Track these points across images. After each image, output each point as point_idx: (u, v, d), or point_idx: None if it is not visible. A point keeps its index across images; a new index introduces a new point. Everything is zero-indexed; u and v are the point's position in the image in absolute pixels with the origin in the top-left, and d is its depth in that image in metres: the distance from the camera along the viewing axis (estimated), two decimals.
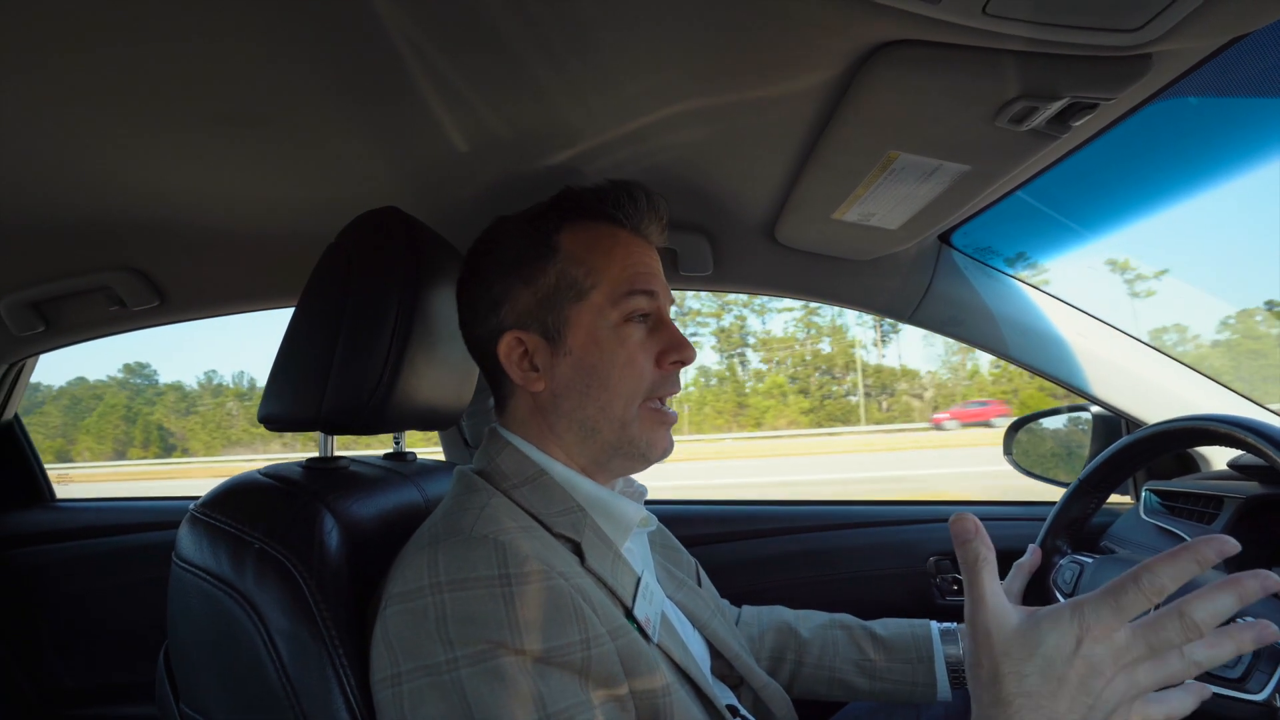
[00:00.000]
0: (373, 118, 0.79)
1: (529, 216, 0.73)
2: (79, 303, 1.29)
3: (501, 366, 0.71)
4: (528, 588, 0.56)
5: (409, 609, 0.56)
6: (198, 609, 0.63)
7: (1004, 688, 0.46)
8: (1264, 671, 0.62)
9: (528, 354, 0.70)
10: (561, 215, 0.72)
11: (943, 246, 1.16)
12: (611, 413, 0.69)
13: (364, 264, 0.74)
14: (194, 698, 0.65)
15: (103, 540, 1.54)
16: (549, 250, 0.70)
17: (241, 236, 1.10)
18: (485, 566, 0.56)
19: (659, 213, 0.74)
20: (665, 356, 0.71)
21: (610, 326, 0.69)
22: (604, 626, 0.59)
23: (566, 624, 0.56)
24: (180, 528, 0.66)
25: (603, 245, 0.70)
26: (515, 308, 0.70)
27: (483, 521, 0.61)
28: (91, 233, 1.10)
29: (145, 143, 0.82)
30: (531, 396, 0.71)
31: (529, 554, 0.58)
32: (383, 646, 0.56)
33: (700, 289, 1.27)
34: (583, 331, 0.69)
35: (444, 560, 0.57)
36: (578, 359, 0.69)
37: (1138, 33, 0.51)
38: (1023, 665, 0.46)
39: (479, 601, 0.55)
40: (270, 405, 0.75)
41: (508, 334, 0.70)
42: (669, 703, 0.61)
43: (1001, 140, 0.70)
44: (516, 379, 0.70)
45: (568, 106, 0.78)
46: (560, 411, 0.70)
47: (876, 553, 1.35)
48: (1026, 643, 0.46)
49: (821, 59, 0.65)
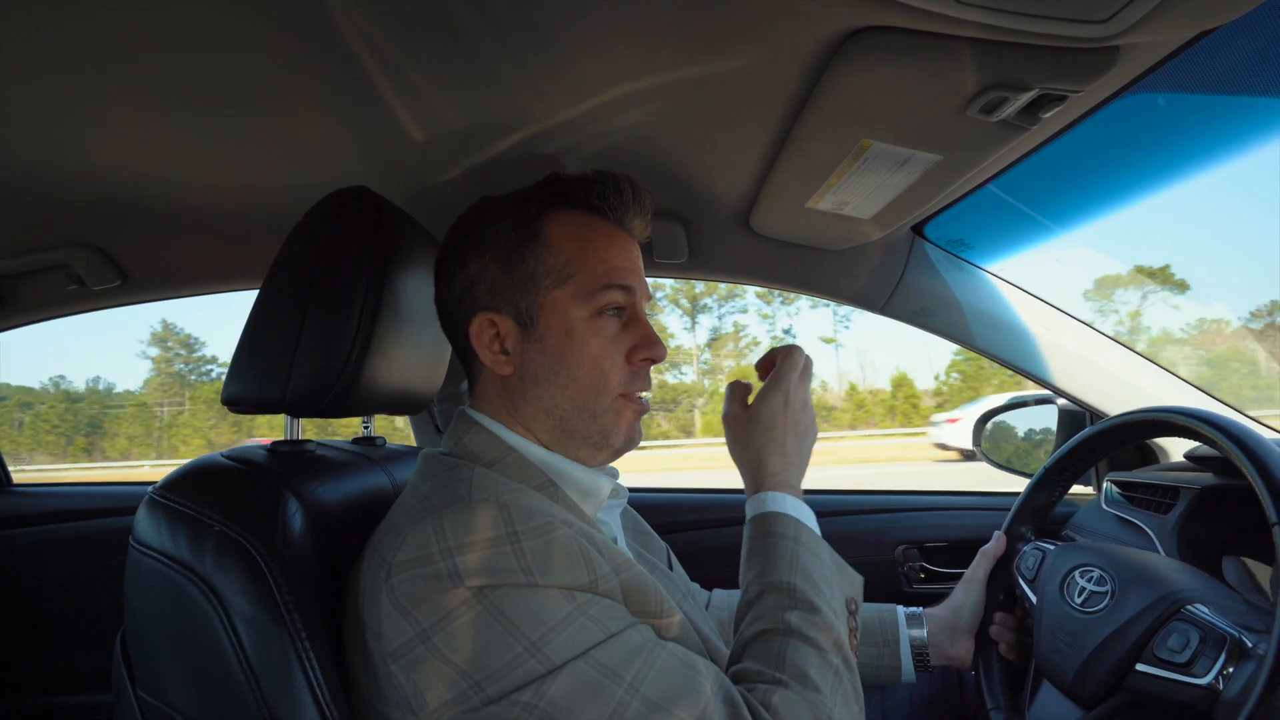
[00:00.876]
0: (341, 97, 0.78)
1: (514, 199, 0.73)
2: (36, 281, 1.25)
3: (471, 346, 0.70)
4: (537, 541, 0.57)
5: (421, 573, 0.55)
6: (155, 593, 0.62)
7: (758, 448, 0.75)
8: (1209, 657, 0.64)
9: (499, 336, 0.70)
10: (545, 201, 0.72)
11: (915, 238, 1.17)
12: (579, 403, 0.70)
13: (331, 244, 0.73)
14: (151, 683, 0.63)
15: (61, 526, 1.50)
16: (530, 235, 0.70)
17: (207, 215, 1.08)
18: (493, 527, 0.57)
19: (643, 207, 0.74)
20: (636, 353, 0.71)
21: (584, 318, 0.69)
22: (609, 564, 0.60)
23: (576, 567, 0.57)
24: (138, 511, 0.65)
25: (584, 235, 0.70)
26: (490, 289, 0.70)
27: (478, 488, 0.61)
28: (50, 208, 1.06)
29: (108, 117, 0.80)
30: (499, 379, 0.71)
31: (533, 508, 0.59)
32: (395, 614, 0.55)
33: (675, 276, 1.26)
34: (556, 320, 0.69)
35: (450, 525, 0.57)
36: (548, 347, 0.69)
37: (1105, 24, 0.52)
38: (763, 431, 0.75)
39: (494, 558, 0.55)
40: (234, 387, 0.73)
41: (480, 314, 0.70)
42: (664, 614, 0.63)
43: (973, 130, 0.71)
44: (485, 360, 0.70)
45: (537, 92, 0.77)
46: (527, 397, 0.70)
47: (845, 541, 1.36)
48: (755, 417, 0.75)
49: (794, 44, 0.65)
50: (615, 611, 0.59)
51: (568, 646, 0.54)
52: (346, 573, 0.65)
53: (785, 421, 0.74)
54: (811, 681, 0.59)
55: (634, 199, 0.73)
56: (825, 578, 0.68)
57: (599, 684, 0.54)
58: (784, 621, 0.63)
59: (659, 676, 0.56)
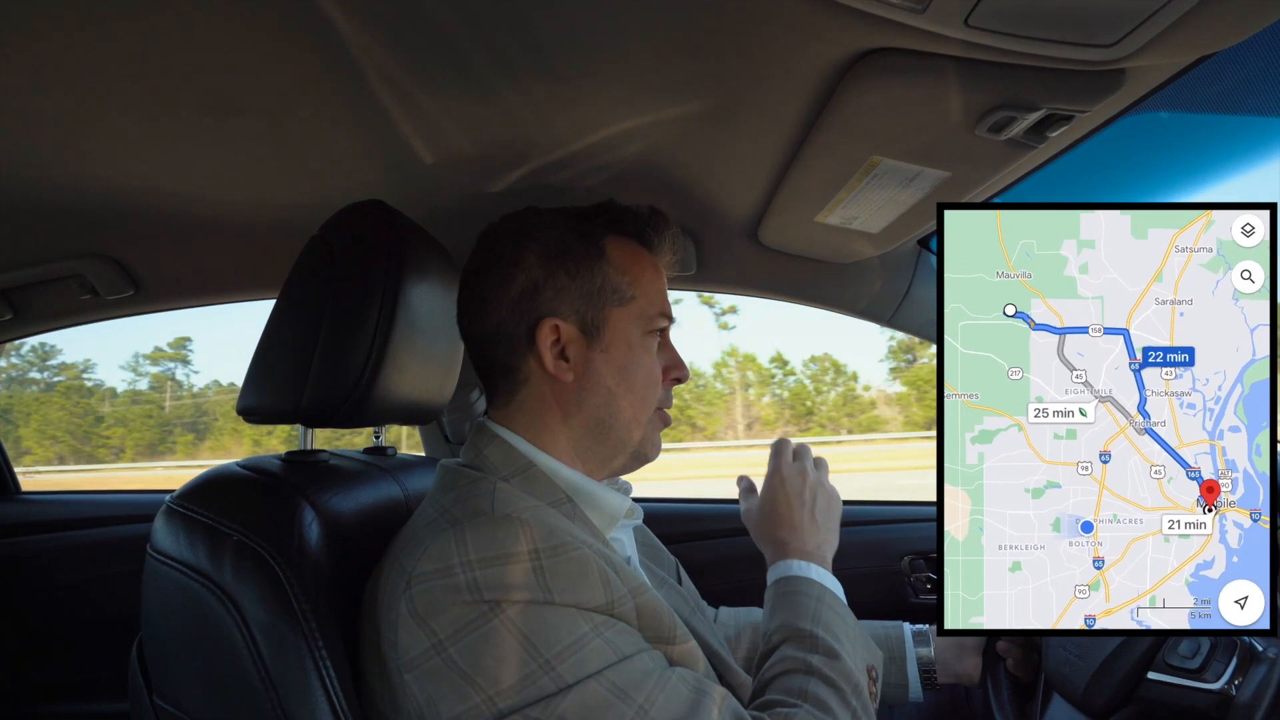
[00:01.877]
0: (356, 112, 0.79)
1: (574, 215, 0.75)
2: (49, 291, 1.26)
3: (528, 351, 0.71)
4: (557, 560, 0.57)
5: (442, 585, 0.56)
6: (173, 601, 0.62)
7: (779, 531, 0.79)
8: (1220, 662, 0.64)
9: (559, 343, 0.71)
10: (608, 224, 0.75)
11: (922, 252, 1.18)
12: (627, 414, 0.73)
13: (347, 256, 0.74)
14: (168, 690, 0.64)
15: (69, 534, 1.50)
16: (597, 251, 0.72)
17: (221, 226, 1.09)
18: (514, 544, 0.57)
19: (677, 247, 0.80)
20: (668, 373, 0.78)
21: (638, 337, 0.73)
22: (626, 586, 0.61)
23: (595, 588, 0.58)
24: (156, 520, 0.65)
25: (642, 263, 0.75)
26: (557, 296, 0.71)
27: (500, 503, 0.62)
28: (64, 219, 1.07)
29: (124, 129, 0.81)
30: (552, 387, 0.71)
31: (554, 527, 0.60)
32: (413, 624, 0.56)
33: (683, 289, 1.28)
34: (620, 334, 0.72)
35: (472, 539, 0.57)
36: (613, 357, 0.72)
37: (1112, 48, 0.53)
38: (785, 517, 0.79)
39: (514, 575, 0.56)
40: (249, 397, 0.74)
41: (547, 320, 0.70)
42: (675, 641, 0.64)
43: (980, 148, 0.72)
44: (547, 364, 0.70)
45: (556, 107, 0.78)
46: (582, 404, 0.72)
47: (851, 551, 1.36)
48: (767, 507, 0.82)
49: (807, 65, 0.66)
50: (629, 635, 0.59)
51: (581, 666, 0.55)
52: (360, 581, 0.65)
53: (789, 500, 0.79)
54: (831, 710, 0.61)
55: (673, 238, 0.79)
56: (848, 635, 0.70)
57: (610, 704, 0.54)
58: (804, 663, 0.65)
59: (668, 700, 0.56)
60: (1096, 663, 0.74)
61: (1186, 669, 0.66)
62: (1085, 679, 0.74)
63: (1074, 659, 0.77)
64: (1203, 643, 0.66)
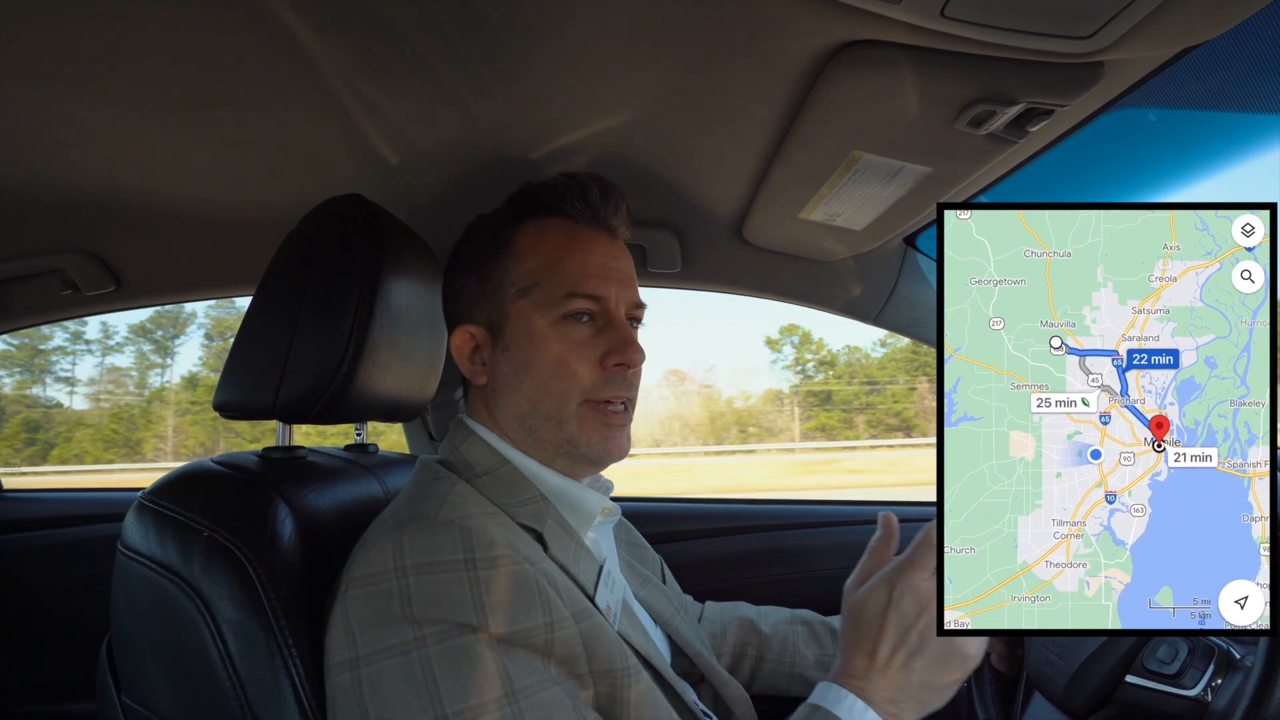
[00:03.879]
0: (336, 105, 0.78)
1: (495, 213, 0.75)
2: (29, 286, 1.25)
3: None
4: (494, 572, 0.56)
5: (372, 592, 0.55)
6: (143, 598, 0.61)
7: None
8: (1198, 669, 0.64)
9: (478, 348, 0.72)
10: (517, 212, 0.73)
11: (908, 249, 1.18)
12: (544, 410, 0.69)
13: (326, 251, 0.73)
14: (137, 689, 0.63)
15: (49, 532, 1.49)
16: (502, 246, 0.72)
17: (201, 221, 1.08)
18: (451, 551, 0.56)
19: (617, 205, 0.73)
20: (609, 358, 0.69)
21: (548, 324, 0.69)
22: (568, 610, 0.59)
23: (531, 607, 0.56)
24: (127, 516, 0.64)
25: (554, 241, 0.71)
26: (469, 302, 0.73)
27: (448, 507, 0.61)
28: (43, 214, 1.06)
29: (102, 122, 0.80)
30: (478, 389, 0.73)
31: (495, 538, 0.58)
32: (341, 629, 0.56)
33: (668, 286, 1.27)
34: (521, 327, 0.70)
35: (409, 544, 0.56)
36: (514, 354, 0.70)
37: (1089, 40, 0.53)
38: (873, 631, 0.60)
39: (445, 585, 0.54)
40: (225, 392, 0.73)
41: (460, 327, 0.73)
42: (628, 683, 0.61)
43: (962, 143, 0.72)
44: (464, 370, 0.73)
45: (531, 104, 0.78)
46: (500, 406, 0.71)
47: (840, 551, 1.36)
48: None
49: (785, 56, 0.66)
50: (536, 668, 0.56)
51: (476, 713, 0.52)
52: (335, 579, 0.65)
53: (886, 627, 0.60)
54: None
55: (604, 198, 0.72)
56: None
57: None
58: None
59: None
60: (1077, 663, 0.73)
61: (1164, 674, 0.65)
62: (1065, 679, 0.74)
63: (1055, 658, 0.77)
64: (1181, 648, 0.66)
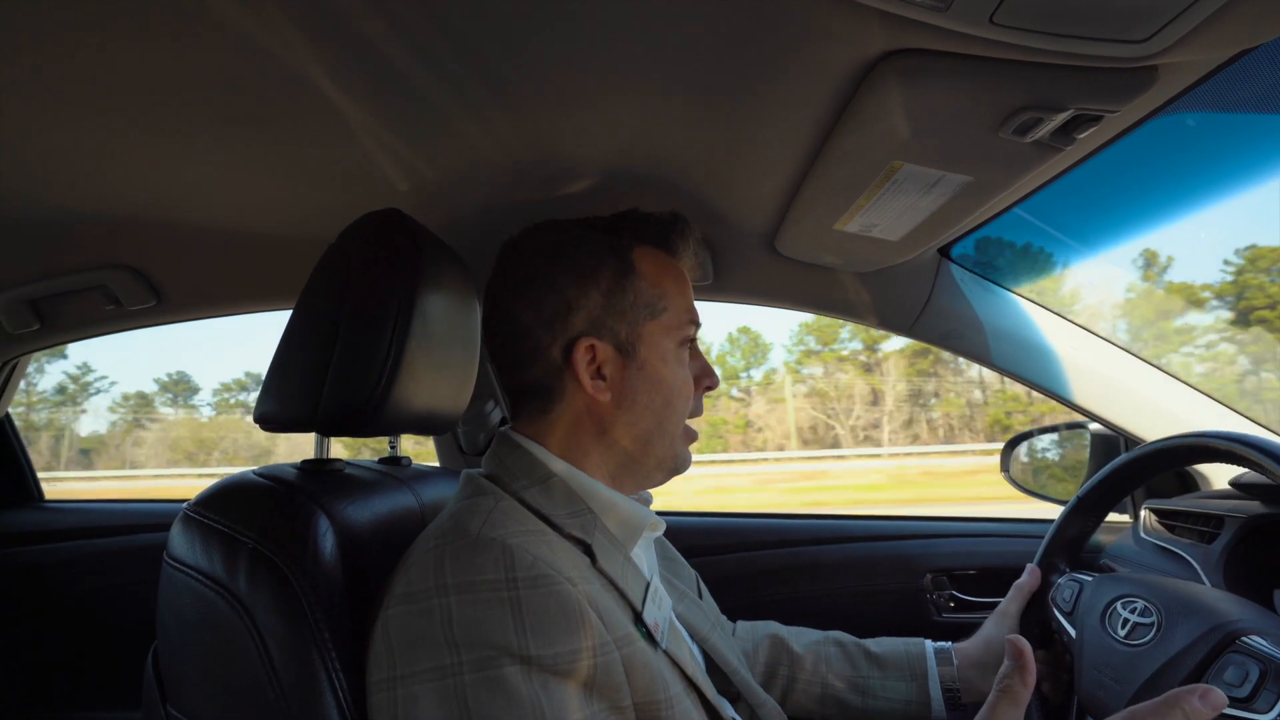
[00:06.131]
0: (376, 120, 0.79)
1: (599, 228, 0.74)
2: (75, 301, 1.28)
3: (564, 371, 0.70)
4: (535, 592, 0.55)
5: (414, 610, 0.55)
6: (188, 609, 0.62)
7: None
8: (1271, 691, 0.60)
9: (595, 362, 0.70)
10: (634, 235, 0.75)
11: (942, 259, 1.16)
12: (665, 427, 0.73)
13: (364, 265, 0.74)
14: (182, 699, 0.63)
15: (90, 542, 1.52)
16: (628, 266, 0.72)
17: (241, 237, 1.10)
18: (493, 570, 0.55)
19: (699, 251, 0.80)
20: (700, 381, 0.77)
21: (673, 348, 0.73)
22: (610, 635, 0.58)
23: (573, 631, 0.55)
24: (173, 527, 0.65)
25: (670, 273, 0.75)
26: (591, 315, 0.70)
27: (490, 524, 0.60)
28: (89, 231, 1.09)
29: (145, 141, 0.82)
30: (588, 405, 0.71)
31: (536, 558, 0.57)
32: (382, 647, 0.56)
33: (699, 299, 1.26)
34: (655, 349, 0.72)
35: (450, 563, 0.56)
36: (648, 374, 0.71)
37: (1145, 44, 0.51)
38: None
39: (485, 605, 0.54)
40: (266, 405, 0.74)
41: (583, 340, 0.69)
42: (671, 715, 0.60)
43: (1005, 151, 0.70)
44: (585, 385, 0.70)
45: (572, 116, 0.78)
46: (619, 421, 0.71)
47: (873, 568, 1.34)
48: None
49: (826, 68, 0.65)
50: (572, 702, 0.55)
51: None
52: (373, 591, 0.65)
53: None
54: None
55: (696, 245, 0.79)
56: None
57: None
58: None
59: None
60: (1134, 687, 0.70)
61: (1235, 697, 0.62)
62: (1122, 703, 0.71)
63: (1109, 683, 0.74)
64: (1251, 668, 0.62)
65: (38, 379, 28.23)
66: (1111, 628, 0.77)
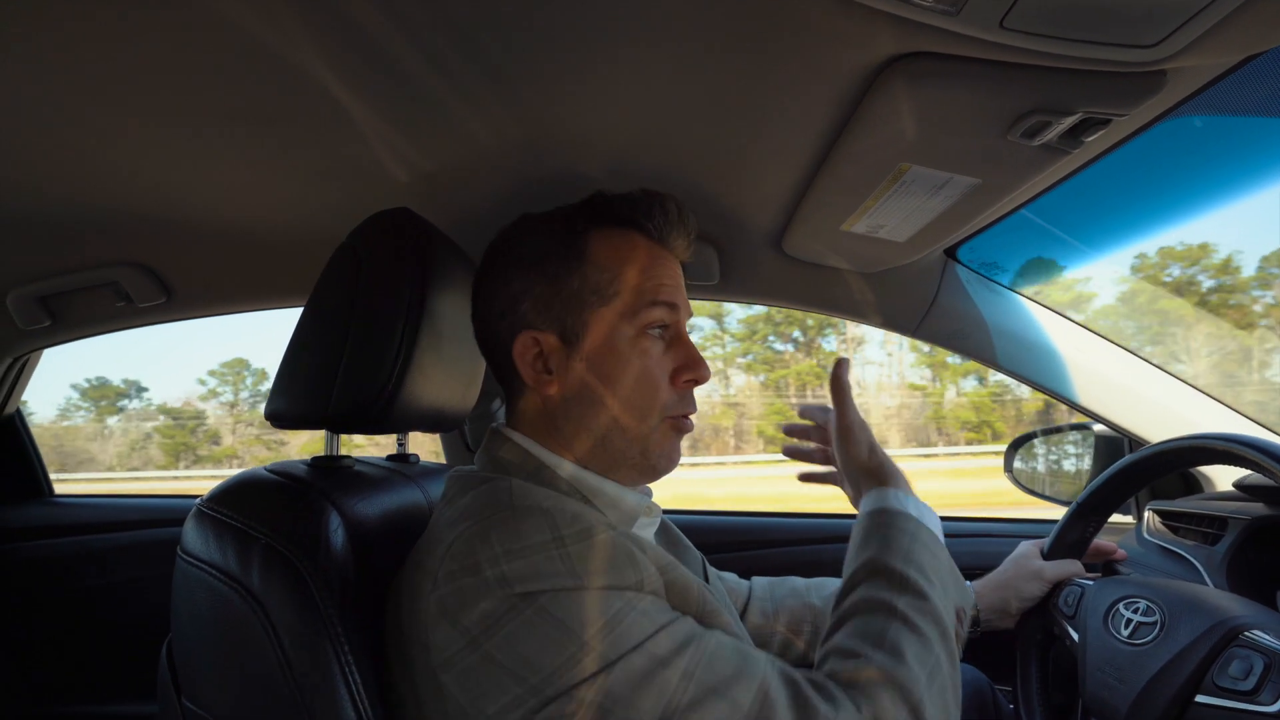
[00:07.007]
0: (385, 118, 0.80)
1: (558, 216, 0.73)
2: (86, 298, 1.29)
3: (514, 365, 0.70)
4: (583, 544, 0.57)
5: (470, 583, 0.55)
6: (203, 603, 0.63)
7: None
8: (1275, 683, 0.61)
9: (543, 354, 0.69)
10: (591, 219, 0.71)
11: (949, 261, 1.16)
12: (623, 424, 0.69)
13: (374, 264, 0.74)
14: (197, 692, 0.64)
15: (101, 536, 1.53)
16: (576, 252, 0.69)
17: (251, 234, 1.11)
18: (538, 533, 0.57)
19: (687, 227, 0.74)
20: (680, 374, 0.70)
21: (629, 337, 0.68)
22: (654, 565, 0.60)
23: (623, 568, 0.57)
24: (186, 522, 0.66)
25: (629, 253, 0.70)
26: (535, 306, 0.69)
27: (519, 496, 0.61)
28: (100, 227, 1.10)
29: (156, 138, 0.83)
30: (541, 399, 0.70)
31: (576, 514, 0.59)
32: (444, 623, 0.55)
33: (706, 298, 1.27)
34: (601, 338, 0.68)
35: (496, 535, 0.57)
36: (593, 365, 0.68)
37: (1154, 49, 0.52)
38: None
39: (541, 564, 0.55)
40: (277, 402, 0.75)
41: (524, 332, 0.69)
42: (714, 623, 0.62)
43: (1013, 154, 0.71)
44: (528, 379, 0.69)
45: (579, 113, 0.79)
46: (569, 416, 0.69)
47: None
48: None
49: (835, 71, 0.66)
50: (662, 606, 0.58)
51: (620, 642, 0.54)
52: (383, 586, 0.65)
53: (866, 430, 0.80)
54: (907, 663, 0.58)
55: (678, 218, 0.73)
56: (939, 574, 0.67)
57: (654, 674, 0.53)
58: (888, 604, 0.62)
59: (712, 661, 0.55)
60: (1139, 686, 0.71)
61: (1239, 690, 0.63)
62: (1128, 703, 0.71)
63: (1114, 683, 0.74)
64: (1255, 661, 0.63)
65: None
66: (1114, 628, 0.78)
